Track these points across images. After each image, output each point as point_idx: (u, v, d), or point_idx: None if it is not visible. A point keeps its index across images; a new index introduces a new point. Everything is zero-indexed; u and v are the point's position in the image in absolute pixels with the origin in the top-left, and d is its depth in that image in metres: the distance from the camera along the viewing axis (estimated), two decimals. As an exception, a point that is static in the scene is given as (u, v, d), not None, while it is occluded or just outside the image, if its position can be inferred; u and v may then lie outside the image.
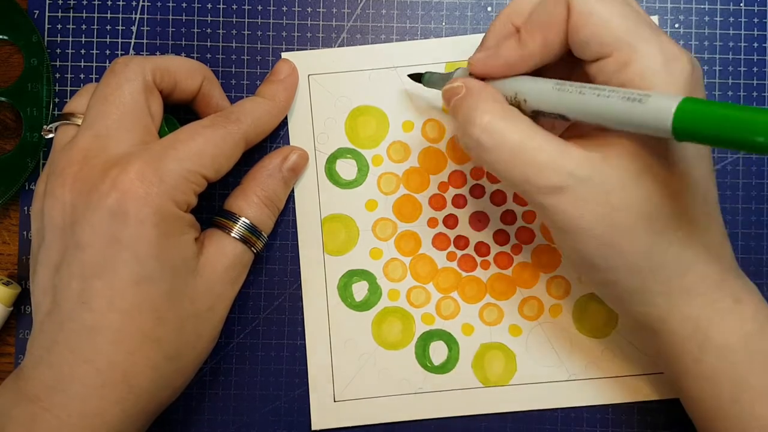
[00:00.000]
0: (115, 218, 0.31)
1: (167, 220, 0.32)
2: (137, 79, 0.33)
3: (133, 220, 0.31)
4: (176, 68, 0.35)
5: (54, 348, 0.31)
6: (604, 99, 0.28)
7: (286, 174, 0.38)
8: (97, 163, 0.32)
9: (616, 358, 0.39)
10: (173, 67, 0.35)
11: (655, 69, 0.28)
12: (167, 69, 0.35)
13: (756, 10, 0.40)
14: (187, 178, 0.32)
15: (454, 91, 0.32)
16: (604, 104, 0.28)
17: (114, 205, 0.31)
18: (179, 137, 0.33)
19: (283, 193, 0.38)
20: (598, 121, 0.28)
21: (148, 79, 0.34)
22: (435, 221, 0.39)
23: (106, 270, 0.31)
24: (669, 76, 0.28)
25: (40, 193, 0.34)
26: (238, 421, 0.39)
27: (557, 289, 0.39)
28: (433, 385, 0.39)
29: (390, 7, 0.40)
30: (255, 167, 0.38)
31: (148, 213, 0.31)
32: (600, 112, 0.28)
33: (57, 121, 0.35)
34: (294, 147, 0.39)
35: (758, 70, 0.39)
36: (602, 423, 0.39)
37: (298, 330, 0.39)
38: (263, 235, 0.37)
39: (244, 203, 0.36)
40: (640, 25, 0.29)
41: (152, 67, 0.34)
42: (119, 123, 0.33)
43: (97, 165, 0.32)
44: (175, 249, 0.32)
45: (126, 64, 0.34)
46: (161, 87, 0.35)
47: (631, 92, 0.27)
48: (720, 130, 0.24)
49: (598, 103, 0.28)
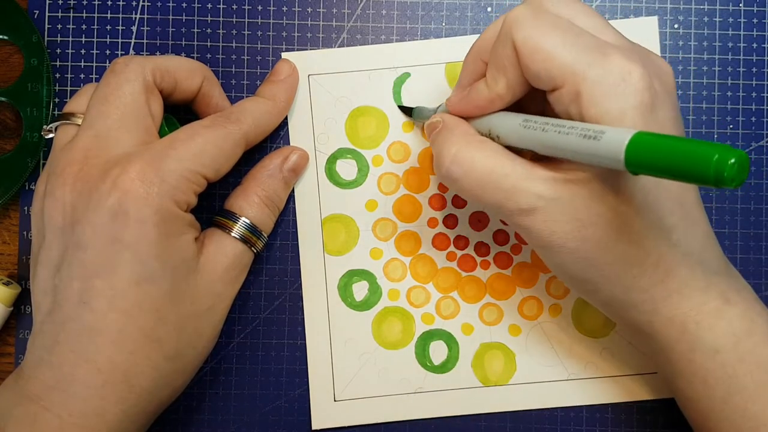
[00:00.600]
0: (116, 218, 0.31)
1: (168, 220, 0.32)
2: (138, 80, 0.33)
3: (134, 220, 0.31)
4: (176, 68, 0.35)
5: (55, 348, 0.31)
6: (564, 136, 0.28)
7: (286, 174, 0.38)
8: (98, 163, 0.32)
9: (615, 358, 0.39)
10: (173, 67, 0.35)
11: (605, 92, 0.28)
12: (167, 69, 0.35)
13: (756, 10, 0.40)
14: (188, 178, 0.33)
15: (434, 125, 0.34)
16: (564, 141, 0.28)
17: (115, 205, 0.31)
18: (179, 137, 0.33)
19: (284, 193, 0.38)
20: (562, 155, 0.29)
21: (149, 79, 0.34)
22: (435, 221, 0.39)
23: (106, 270, 0.31)
24: (621, 96, 0.28)
25: (40, 193, 0.34)
26: (238, 421, 0.39)
27: (557, 289, 0.39)
28: (432, 385, 0.39)
29: (390, 7, 0.40)
30: (255, 167, 0.38)
31: (149, 213, 0.31)
32: (562, 148, 0.28)
33: (57, 121, 0.35)
34: (294, 147, 0.39)
35: (758, 71, 0.40)
36: (601, 422, 0.39)
37: (298, 330, 0.39)
38: (263, 235, 0.37)
39: (244, 203, 0.36)
40: (586, 50, 0.29)
41: (152, 67, 0.34)
42: (120, 123, 0.33)
43: (97, 165, 0.32)
44: (175, 249, 0.32)
45: (126, 64, 0.34)
46: (161, 87, 0.35)
47: (588, 128, 0.27)
48: (672, 165, 0.24)
49: (560, 140, 0.28)
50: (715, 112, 0.39)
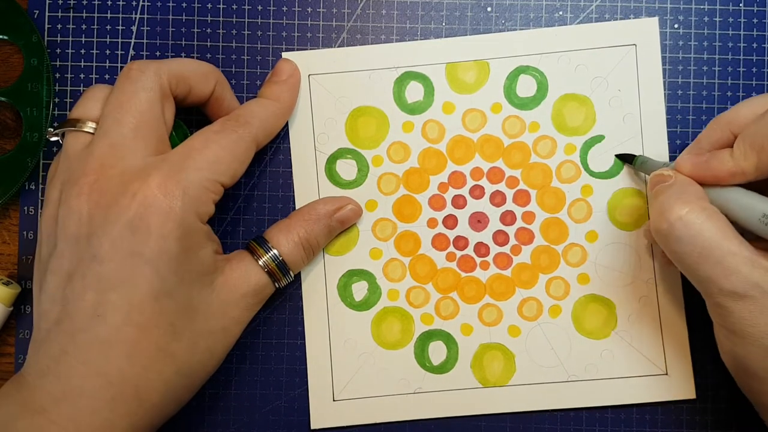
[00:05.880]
0: (137, 232, 0.31)
1: (189, 234, 0.32)
2: (154, 88, 0.33)
3: (156, 235, 0.31)
4: (191, 73, 0.35)
5: (63, 359, 0.31)
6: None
7: (334, 223, 0.38)
8: (114, 174, 0.32)
9: (615, 360, 0.39)
10: (188, 72, 0.35)
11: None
12: (182, 75, 0.34)
13: (756, 10, 0.40)
14: (207, 188, 0.32)
15: (663, 178, 0.33)
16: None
17: (135, 218, 0.31)
18: (194, 146, 0.33)
19: (324, 241, 0.38)
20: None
21: (165, 86, 0.33)
22: (435, 222, 0.39)
23: (124, 284, 0.31)
24: None
25: (53, 199, 0.33)
26: (238, 421, 0.39)
27: (556, 290, 0.39)
28: (431, 385, 0.39)
29: (390, 7, 0.40)
30: (307, 206, 0.38)
31: (171, 228, 0.31)
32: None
33: (64, 126, 0.34)
34: (352, 200, 0.39)
35: (758, 71, 0.39)
36: (601, 423, 0.39)
37: (298, 330, 0.39)
38: (290, 274, 0.37)
39: (283, 237, 0.36)
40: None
41: (168, 74, 0.34)
42: (135, 132, 0.32)
43: (114, 176, 0.32)
44: (194, 264, 0.32)
45: (142, 71, 0.33)
46: (176, 93, 0.34)
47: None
48: None
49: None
50: (715, 112, 0.39)
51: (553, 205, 0.39)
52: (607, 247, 0.39)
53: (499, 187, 0.39)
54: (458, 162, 0.39)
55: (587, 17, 0.39)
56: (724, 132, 0.33)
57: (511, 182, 0.39)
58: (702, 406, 0.39)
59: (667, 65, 0.39)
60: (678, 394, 0.39)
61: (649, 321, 0.39)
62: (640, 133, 0.39)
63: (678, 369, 0.39)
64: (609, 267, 0.39)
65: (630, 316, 0.39)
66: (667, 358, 0.39)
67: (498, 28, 0.40)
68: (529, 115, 0.39)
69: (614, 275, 0.39)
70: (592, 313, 0.39)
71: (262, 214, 0.39)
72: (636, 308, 0.39)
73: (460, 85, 0.39)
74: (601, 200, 0.39)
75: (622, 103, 0.39)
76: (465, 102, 0.39)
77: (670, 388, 0.39)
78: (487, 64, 0.39)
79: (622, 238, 0.39)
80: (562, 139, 0.39)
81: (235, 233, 0.39)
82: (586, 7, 0.39)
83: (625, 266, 0.39)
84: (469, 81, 0.39)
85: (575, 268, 0.39)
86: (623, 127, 0.39)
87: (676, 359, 0.39)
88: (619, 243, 0.39)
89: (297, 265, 0.37)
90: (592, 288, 0.39)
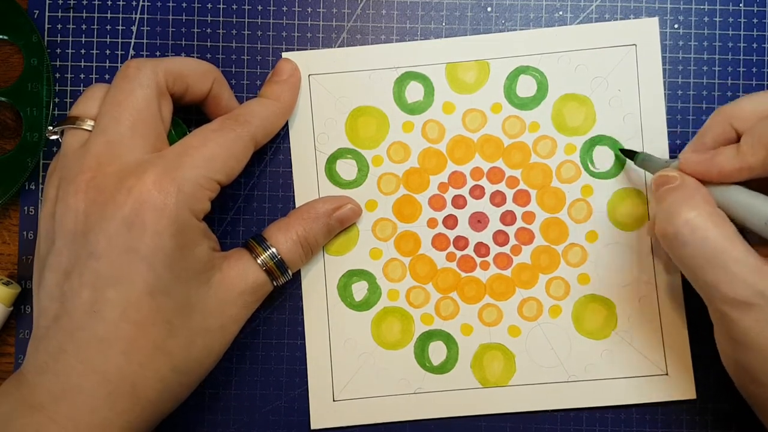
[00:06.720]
0: (132, 228, 0.31)
1: (184, 230, 0.32)
2: (151, 85, 0.33)
3: (151, 231, 0.31)
4: (188, 71, 0.35)
5: (61, 356, 0.31)
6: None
7: (333, 222, 0.38)
8: (111, 171, 0.32)
9: (615, 360, 0.39)
10: (186, 70, 0.35)
11: None
12: (180, 73, 0.34)
13: (756, 10, 0.40)
14: (203, 185, 0.32)
15: (668, 179, 0.33)
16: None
17: (131, 215, 0.31)
18: (191, 143, 0.33)
19: (323, 240, 0.38)
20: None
21: (162, 84, 0.34)
22: (435, 222, 0.39)
23: (120, 280, 0.31)
24: None
25: (51, 197, 0.33)
26: (238, 421, 0.39)
27: (557, 290, 0.39)
28: (432, 386, 0.39)
29: (390, 7, 0.40)
30: (306, 205, 0.38)
31: (166, 224, 0.31)
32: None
33: (63, 124, 0.34)
34: (351, 199, 0.39)
35: (758, 71, 0.39)
36: (601, 423, 0.39)
37: (298, 330, 0.39)
38: (288, 272, 0.36)
39: (281, 236, 0.36)
40: None
41: (165, 72, 0.34)
42: (132, 130, 0.33)
43: (111, 173, 0.32)
44: (190, 260, 0.32)
45: (139, 68, 0.33)
46: (173, 91, 0.35)
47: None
48: None
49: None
50: (716, 112, 0.39)
51: (553, 205, 0.39)
52: (607, 248, 0.39)
53: (499, 187, 0.39)
54: (458, 162, 0.39)
55: (587, 17, 0.39)
56: (725, 127, 0.33)
57: (511, 182, 0.39)
58: (702, 406, 0.39)
59: (667, 65, 0.39)
60: (678, 394, 0.39)
61: (649, 321, 0.39)
62: (640, 133, 0.39)
63: (678, 369, 0.39)
64: (609, 267, 0.39)
65: (630, 316, 0.39)
66: (667, 358, 0.39)
67: (498, 28, 0.40)
68: (529, 115, 0.39)
69: (614, 275, 0.39)
70: (592, 314, 0.39)
71: (261, 214, 0.39)
72: (636, 308, 0.39)
73: (460, 85, 0.39)
74: (602, 200, 0.39)
75: (622, 103, 0.39)
76: (465, 102, 0.39)
77: (670, 389, 0.39)
78: (487, 64, 0.39)
79: (622, 239, 0.39)
80: (562, 139, 0.39)
81: (235, 233, 0.39)
82: (586, 7, 0.39)
83: (625, 266, 0.39)
84: (469, 81, 0.39)
85: (575, 269, 0.39)
86: (623, 127, 0.39)
87: (676, 359, 0.39)
88: (619, 243, 0.39)
89: (295, 264, 0.37)
90: (592, 288, 0.39)
